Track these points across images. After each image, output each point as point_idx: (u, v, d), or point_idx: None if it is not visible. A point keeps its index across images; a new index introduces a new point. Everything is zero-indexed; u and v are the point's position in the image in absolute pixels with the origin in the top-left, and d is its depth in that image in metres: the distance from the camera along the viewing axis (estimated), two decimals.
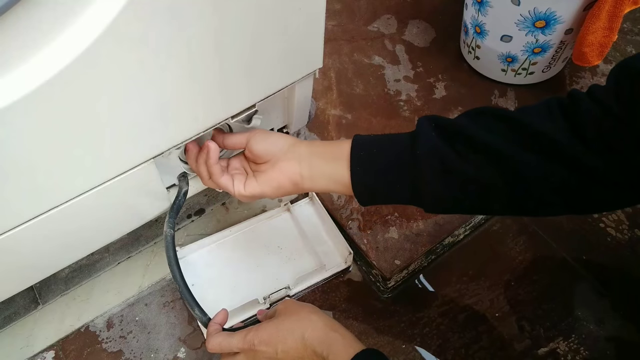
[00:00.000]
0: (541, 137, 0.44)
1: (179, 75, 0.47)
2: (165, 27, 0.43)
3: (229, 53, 0.50)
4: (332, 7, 0.98)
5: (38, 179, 0.46)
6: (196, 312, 0.58)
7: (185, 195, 0.62)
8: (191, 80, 0.49)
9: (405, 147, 0.49)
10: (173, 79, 0.47)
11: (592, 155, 0.42)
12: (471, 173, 0.46)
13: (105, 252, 0.72)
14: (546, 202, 0.46)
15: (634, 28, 0.96)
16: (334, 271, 0.70)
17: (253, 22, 0.48)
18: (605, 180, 0.43)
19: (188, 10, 0.43)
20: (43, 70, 0.39)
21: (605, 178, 0.43)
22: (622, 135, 0.41)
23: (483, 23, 0.81)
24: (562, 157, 0.44)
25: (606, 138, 0.42)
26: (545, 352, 0.66)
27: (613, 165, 0.42)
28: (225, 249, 0.72)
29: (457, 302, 0.70)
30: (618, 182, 0.43)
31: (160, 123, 0.51)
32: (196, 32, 0.45)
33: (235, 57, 0.51)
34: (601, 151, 0.42)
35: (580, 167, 0.43)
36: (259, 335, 0.51)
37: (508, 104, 0.86)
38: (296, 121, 0.70)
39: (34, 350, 0.66)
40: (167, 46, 0.44)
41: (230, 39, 0.48)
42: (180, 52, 0.46)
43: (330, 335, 0.49)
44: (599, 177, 0.43)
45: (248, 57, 0.52)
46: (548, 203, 0.46)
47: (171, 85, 0.48)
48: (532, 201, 0.46)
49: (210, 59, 0.49)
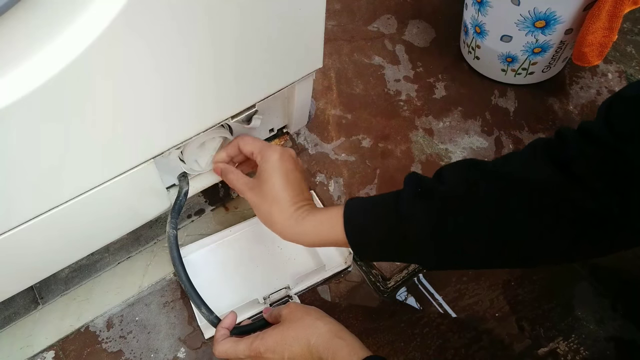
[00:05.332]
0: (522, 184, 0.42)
1: (178, 75, 0.48)
2: (165, 28, 0.43)
3: (229, 53, 0.50)
4: (332, 7, 0.98)
5: (38, 179, 0.46)
6: (203, 311, 0.58)
7: (186, 195, 0.62)
8: (191, 80, 0.49)
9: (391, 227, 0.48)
10: (173, 79, 0.47)
11: (584, 193, 0.40)
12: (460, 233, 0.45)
13: (105, 252, 0.72)
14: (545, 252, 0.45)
15: (634, 28, 0.96)
16: (334, 271, 0.70)
17: (253, 22, 0.48)
18: (601, 218, 0.40)
19: (188, 11, 0.43)
20: (42, 70, 0.39)
21: (601, 216, 0.40)
22: (617, 168, 0.38)
23: (483, 23, 0.81)
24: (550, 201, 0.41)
25: (599, 173, 0.39)
26: (545, 352, 0.66)
27: (609, 201, 0.39)
28: (225, 249, 0.72)
29: (457, 302, 0.70)
30: (615, 221, 0.40)
31: (160, 123, 0.51)
32: (196, 32, 0.45)
33: (235, 57, 0.51)
34: (594, 188, 0.39)
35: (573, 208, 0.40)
36: (265, 342, 0.52)
37: (508, 104, 0.86)
38: (296, 121, 0.70)
39: (34, 350, 0.66)
40: (167, 47, 0.44)
41: (230, 39, 0.48)
42: (179, 52, 0.46)
43: (335, 341, 0.49)
44: (594, 217, 0.40)
45: (248, 57, 0.52)
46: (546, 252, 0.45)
47: (171, 85, 0.48)
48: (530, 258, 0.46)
49: (210, 58, 0.49)
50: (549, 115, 0.84)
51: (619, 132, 0.38)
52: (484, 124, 0.84)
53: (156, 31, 0.42)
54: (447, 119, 0.84)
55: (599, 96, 0.86)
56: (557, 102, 0.86)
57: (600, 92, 0.87)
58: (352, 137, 0.81)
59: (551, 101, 0.86)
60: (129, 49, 0.42)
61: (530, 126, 0.83)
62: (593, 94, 0.87)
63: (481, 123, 0.84)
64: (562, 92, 0.87)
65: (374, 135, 0.82)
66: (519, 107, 0.86)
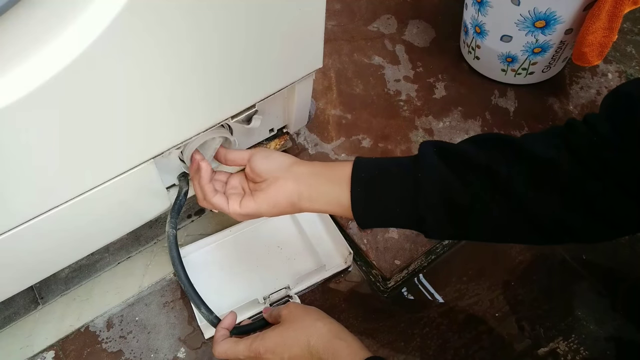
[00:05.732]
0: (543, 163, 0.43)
1: (178, 75, 0.47)
2: (165, 28, 0.43)
3: (229, 53, 0.50)
4: (332, 7, 0.98)
5: (38, 179, 0.46)
6: (202, 311, 0.58)
7: (185, 195, 0.62)
8: (191, 80, 0.49)
9: (408, 170, 0.48)
10: (172, 79, 0.47)
11: (591, 179, 0.42)
12: (471, 198, 0.45)
13: (105, 252, 0.72)
14: (548, 229, 0.45)
15: (634, 28, 0.96)
16: (334, 271, 0.70)
17: (253, 22, 0.48)
18: (606, 205, 0.42)
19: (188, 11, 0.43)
20: (42, 70, 0.39)
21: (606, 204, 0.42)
22: (618, 161, 0.40)
23: (483, 23, 0.81)
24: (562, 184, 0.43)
25: (603, 163, 0.41)
26: (545, 352, 0.66)
27: (612, 189, 0.41)
28: (225, 249, 0.72)
29: (457, 302, 0.70)
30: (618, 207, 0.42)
31: (161, 123, 0.51)
32: (196, 32, 0.45)
33: (235, 57, 0.51)
34: (600, 176, 0.41)
35: (581, 192, 0.42)
36: (264, 343, 0.51)
37: (508, 103, 0.86)
38: (296, 121, 0.70)
39: (34, 350, 0.66)
40: (167, 47, 0.44)
41: (230, 39, 0.48)
42: (179, 52, 0.46)
43: (335, 342, 0.49)
44: (600, 203, 0.42)
45: (248, 57, 0.52)
46: (549, 230, 0.45)
47: (171, 85, 0.48)
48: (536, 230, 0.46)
49: (210, 59, 0.49)
50: (549, 115, 0.84)
51: (617, 125, 0.41)
52: (484, 124, 0.84)
53: (157, 31, 0.42)
54: (447, 119, 0.84)
55: (599, 96, 0.86)
56: (557, 102, 0.86)
57: (600, 92, 0.87)
58: (352, 137, 0.82)
59: (551, 101, 0.86)
60: (129, 49, 0.42)
61: (530, 126, 0.83)
62: (593, 94, 0.87)
63: (481, 123, 0.84)
64: (562, 92, 0.87)
65: (374, 135, 0.82)
66: (519, 107, 0.86)
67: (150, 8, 0.40)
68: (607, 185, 0.41)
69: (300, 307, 0.55)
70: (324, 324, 0.51)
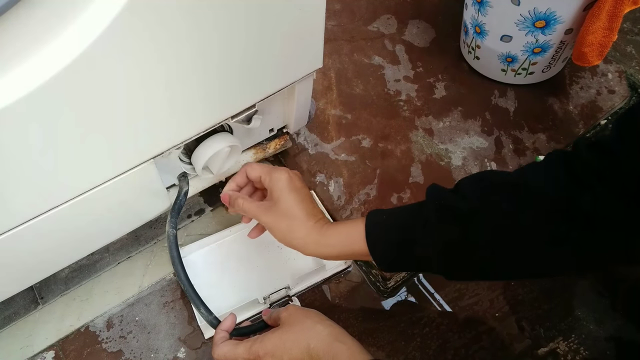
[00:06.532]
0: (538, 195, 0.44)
1: (178, 75, 0.48)
2: (165, 28, 0.43)
3: (229, 53, 0.50)
4: (332, 7, 0.98)
5: (38, 179, 0.46)
6: (202, 311, 0.58)
7: (185, 195, 0.63)
8: (191, 80, 0.49)
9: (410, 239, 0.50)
10: (172, 79, 0.47)
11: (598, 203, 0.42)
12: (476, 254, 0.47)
13: (105, 252, 0.72)
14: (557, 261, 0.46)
15: (634, 28, 0.96)
16: (334, 271, 0.70)
17: (253, 22, 0.48)
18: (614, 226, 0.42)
19: (188, 11, 0.43)
20: (42, 71, 0.39)
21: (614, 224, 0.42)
22: (628, 182, 0.41)
23: (483, 23, 0.81)
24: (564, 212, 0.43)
25: (612, 186, 0.41)
26: (545, 352, 0.66)
27: (621, 211, 0.41)
28: (225, 249, 0.72)
29: (457, 302, 0.70)
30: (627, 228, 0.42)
31: (161, 123, 0.51)
32: (196, 32, 0.45)
33: (235, 57, 0.51)
34: (608, 199, 0.41)
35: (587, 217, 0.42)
36: (264, 346, 0.51)
37: (508, 104, 0.86)
38: (296, 121, 0.70)
39: (34, 350, 0.66)
40: (168, 47, 0.44)
41: (230, 39, 0.48)
42: (179, 52, 0.46)
43: (335, 345, 0.49)
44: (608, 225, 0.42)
45: (248, 57, 0.52)
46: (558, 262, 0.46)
47: (171, 85, 0.48)
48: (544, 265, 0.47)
49: (210, 58, 0.49)
50: (549, 115, 0.84)
51: (629, 146, 0.41)
52: (484, 124, 0.84)
53: (157, 31, 0.42)
54: (447, 119, 0.84)
55: (599, 96, 0.86)
56: (557, 102, 0.86)
57: (600, 92, 0.87)
58: (352, 137, 0.82)
59: (551, 101, 0.86)
60: (129, 49, 0.42)
61: (530, 126, 0.83)
62: (593, 94, 0.87)
63: (481, 123, 0.84)
64: (562, 92, 0.87)
65: (374, 135, 0.82)
66: (519, 107, 0.86)
67: (150, 8, 0.40)
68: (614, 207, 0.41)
69: (300, 310, 0.55)
70: (324, 326, 0.51)
